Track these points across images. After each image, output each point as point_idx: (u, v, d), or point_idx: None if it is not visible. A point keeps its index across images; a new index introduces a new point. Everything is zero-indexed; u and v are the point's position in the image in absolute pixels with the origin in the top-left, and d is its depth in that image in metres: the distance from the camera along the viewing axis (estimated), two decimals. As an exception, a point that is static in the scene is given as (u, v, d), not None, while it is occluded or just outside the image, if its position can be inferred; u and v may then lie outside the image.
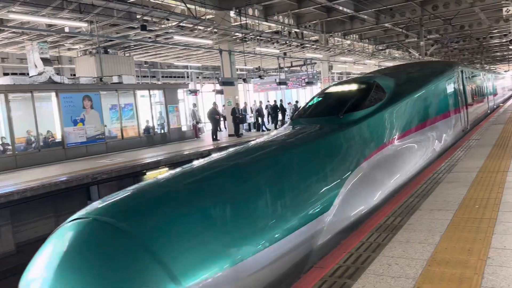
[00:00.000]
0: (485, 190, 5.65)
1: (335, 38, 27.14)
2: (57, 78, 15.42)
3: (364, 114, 6.07)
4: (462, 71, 10.72)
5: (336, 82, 8.05)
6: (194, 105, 27.83)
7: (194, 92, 26.45)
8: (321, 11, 21.52)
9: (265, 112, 26.97)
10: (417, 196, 5.77)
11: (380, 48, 30.14)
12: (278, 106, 26.49)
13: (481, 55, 40.30)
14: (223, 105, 23.72)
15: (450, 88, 9.07)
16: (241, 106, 24.93)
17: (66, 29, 16.91)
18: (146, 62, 28.27)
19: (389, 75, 8.08)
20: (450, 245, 3.88)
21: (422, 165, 6.90)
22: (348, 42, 29.23)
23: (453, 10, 21.13)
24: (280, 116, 25.98)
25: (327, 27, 24.57)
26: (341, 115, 5.96)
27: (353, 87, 7.07)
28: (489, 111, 16.91)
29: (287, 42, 23.50)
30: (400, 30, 24.60)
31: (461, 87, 10.18)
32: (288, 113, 26.95)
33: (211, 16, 19.09)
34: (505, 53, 45.44)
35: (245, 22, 19.13)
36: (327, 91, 7.46)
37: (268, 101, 31.70)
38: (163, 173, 4.59)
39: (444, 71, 9.16)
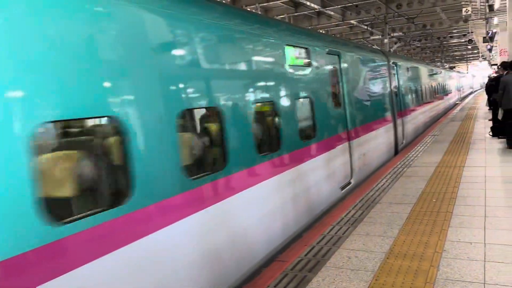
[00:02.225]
0: (442, 184, 5.84)
1: (302, 33, 27.24)
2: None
3: None
4: None
5: None
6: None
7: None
8: (289, 5, 21.57)
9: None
10: (377, 190, 5.89)
11: (346, 44, 30.40)
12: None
13: (441, 54, 41.58)
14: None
15: None
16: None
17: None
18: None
19: None
20: (408, 238, 3.98)
21: None
22: (315, 37, 29.38)
23: (416, 9, 21.65)
24: None
25: (294, 22, 24.64)
26: None
27: None
28: None
29: (254, 35, 23.37)
30: (365, 27, 24.97)
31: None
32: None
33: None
34: (463, 52, 47.10)
35: (212, 13, 18.89)
36: None
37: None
38: None
39: None
